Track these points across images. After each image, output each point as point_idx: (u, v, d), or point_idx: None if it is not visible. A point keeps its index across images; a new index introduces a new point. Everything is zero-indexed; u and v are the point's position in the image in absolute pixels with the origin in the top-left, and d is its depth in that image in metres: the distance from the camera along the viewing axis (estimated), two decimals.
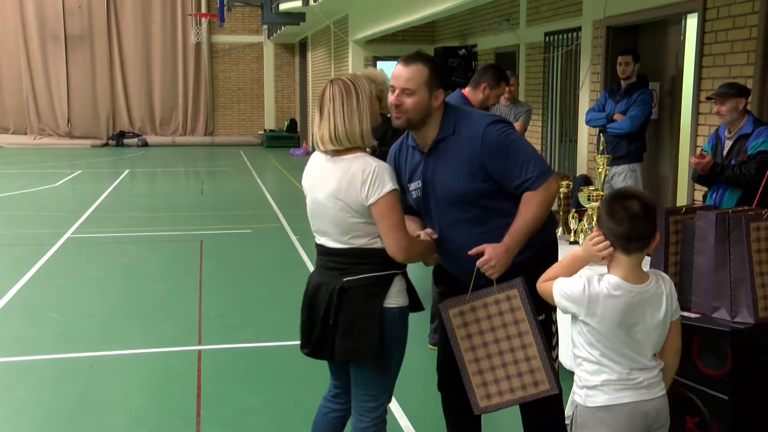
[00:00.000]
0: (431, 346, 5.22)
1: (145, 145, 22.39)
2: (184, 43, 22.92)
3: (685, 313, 3.18)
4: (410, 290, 2.93)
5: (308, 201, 2.91)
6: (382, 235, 2.74)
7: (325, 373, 3.17)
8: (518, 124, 6.66)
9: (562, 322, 3.06)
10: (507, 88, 5.60)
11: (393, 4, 11.34)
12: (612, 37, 7.80)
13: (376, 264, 2.77)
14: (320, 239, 2.90)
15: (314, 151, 2.96)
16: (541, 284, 2.51)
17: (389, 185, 2.70)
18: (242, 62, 23.70)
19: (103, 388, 4.57)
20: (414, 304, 2.94)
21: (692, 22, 6.78)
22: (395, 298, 2.81)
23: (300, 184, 3.10)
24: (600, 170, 4.40)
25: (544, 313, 2.95)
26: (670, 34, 7.49)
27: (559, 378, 3.06)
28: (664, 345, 2.46)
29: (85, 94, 22.61)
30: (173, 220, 10.26)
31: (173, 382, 4.66)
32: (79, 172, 15.96)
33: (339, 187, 2.75)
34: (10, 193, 12.64)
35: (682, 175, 7.11)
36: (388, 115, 5.37)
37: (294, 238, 8.83)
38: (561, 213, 4.61)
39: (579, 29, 8.60)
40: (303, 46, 22.49)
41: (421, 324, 5.60)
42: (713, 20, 6.16)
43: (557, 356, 3.08)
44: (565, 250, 4.19)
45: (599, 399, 2.37)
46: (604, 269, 2.43)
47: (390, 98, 2.94)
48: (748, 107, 4.86)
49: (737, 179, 4.55)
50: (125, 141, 22.47)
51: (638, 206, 2.33)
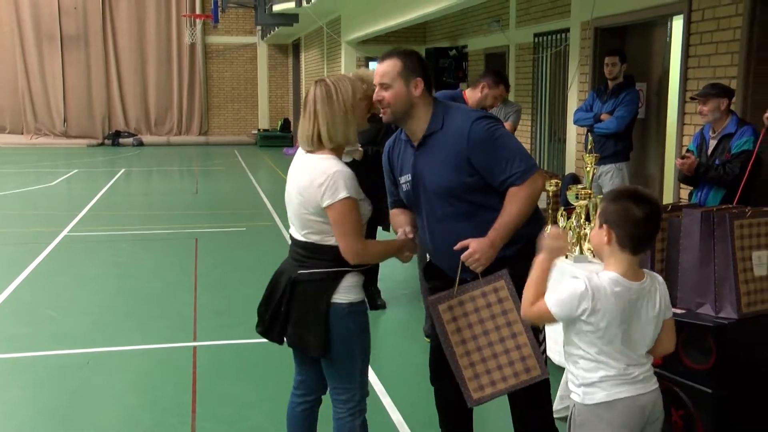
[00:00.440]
0: (426, 339, 5.24)
1: (141, 144, 22.32)
2: (178, 44, 22.86)
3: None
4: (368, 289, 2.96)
5: (285, 192, 2.96)
6: (336, 238, 2.77)
7: None
8: (508, 123, 6.67)
9: None
10: (505, 93, 5.57)
11: (384, 6, 11.34)
12: (600, 38, 7.82)
13: (328, 260, 2.79)
14: (290, 229, 2.97)
15: None
16: (530, 310, 2.44)
17: (344, 192, 2.70)
18: (236, 63, 23.67)
19: (98, 386, 4.56)
20: (370, 302, 2.97)
21: (678, 24, 6.80)
22: (345, 293, 2.81)
23: None
24: (588, 169, 4.41)
25: None
26: (656, 35, 7.52)
27: (548, 373, 3.09)
28: (659, 344, 2.46)
29: (81, 93, 22.53)
30: (168, 218, 10.24)
31: (169, 378, 4.65)
32: (75, 171, 15.90)
33: (303, 184, 2.80)
34: (6, 192, 12.59)
35: (669, 174, 7.14)
36: (381, 114, 5.35)
37: (287, 236, 8.82)
38: (550, 211, 4.62)
39: (567, 30, 8.62)
40: (296, 47, 22.45)
41: (414, 319, 5.62)
42: (698, 22, 6.18)
43: (545, 350, 3.07)
44: None
45: (598, 396, 2.36)
46: (599, 268, 2.43)
47: (374, 96, 2.97)
48: (732, 107, 4.89)
49: (721, 178, 4.57)
50: (121, 140, 22.39)
51: (654, 211, 2.35)
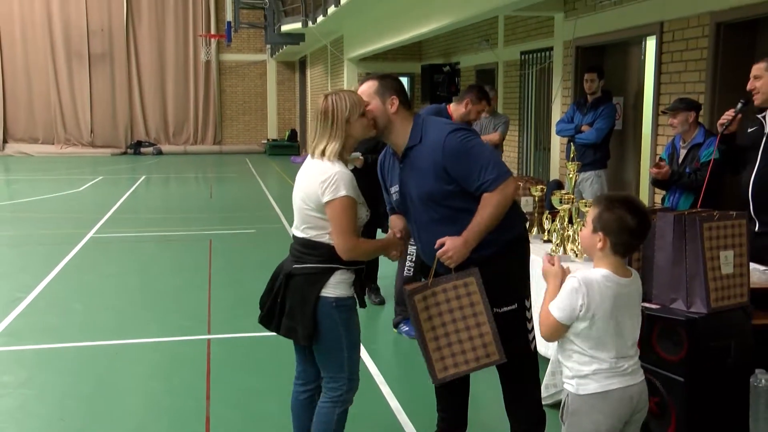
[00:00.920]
0: (394, 329, 5.24)
1: (160, 153, 22.31)
2: (195, 61, 22.90)
3: (646, 304, 3.20)
4: (360, 286, 2.94)
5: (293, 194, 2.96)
6: (332, 234, 2.77)
7: None
8: (497, 134, 6.67)
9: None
10: (488, 107, 5.56)
11: (383, 26, 11.34)
12: (581, 56, 7.82)
13: (320, 256, 2.80)
14: (293, 227, 2.96)
15: None
16: (544, 328, 2.39)
17: (344, 191, 2.72)
18: (247, 78, 23.67)
19: (120, 373, 4.55)
20: (359, 299, 2.95)
21: (651, 44, 6.81)
22: (333, 288, 2.81)
23: None
24: (571, 176, 4.40)
25: (516, 302, 2.93)
26: (632, 53, 7.52)
27: (538, 364, 3.07)
28: None
29: (106, 107, 22.56)
30: (185, 221, 10.22)
31: (185, 367, 4.64)
32: (101, 178, 15.89)
33: (306, 182, 2.82)
34: (40, 197, 12.58)
35: (644, 180, 7.14)
36: None
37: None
38: (536, 214, 4.62)
39: (551, 49, 8.63)
40: (302, 64, 22.46)
41: None
42: (669, 42, 6.19)
43: (535, 345, 3.03)
44: (538, 247, 4.20)
45: (591, 387, 2.34)
46: (580, 266, 2.43)
47: None
48: (700, 120, 4.88)
49: (692, 184, 4.57)
50: (142, 150, 22.40)
51: (646, 220, 2.36)
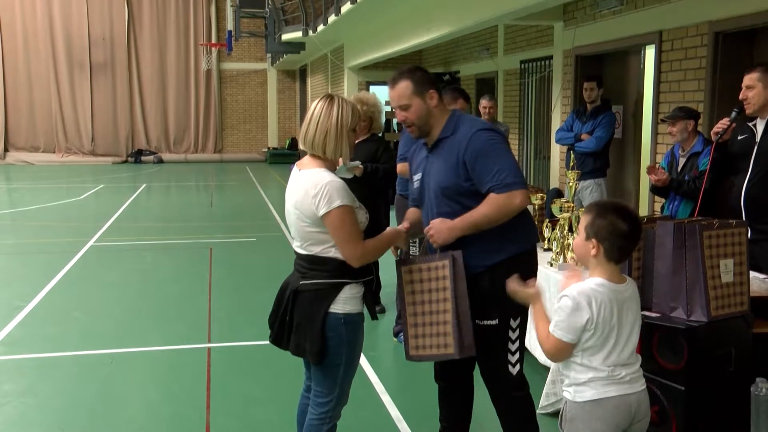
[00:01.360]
0: (394, 338, 5.22)
1: (161, 161, 22.34)
2: (196, 70, 22.95)
3: (646, 313, 3.19)
4: (372, 299, 2.89)
5: (285, 210, 2.92)
6: (337, 246, 2.70)
7: None
8: None
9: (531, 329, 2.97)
10: (466, 105, 5.41)
11: (384, 35, 11.38)
12: (580, 64, 7.85)
13: (328, 271, 2.72)
14: (293, 243, 2.91)
15: None
16: (549, 350, 2.37)
17: (338, 201, 2.65)
18: (248, 87, 23.73)
19: (120, 382, 4.54)
20: (371, 312, 2.90)
21: (651, 53, 6.83)
22: (342, 304, 2.73)
23: None
24: (571, 184, 4.41)
25: (497, 319, 2.85)
26: (631, 62, 7.54)
27: (523, 386, 3.01)
28: None
29: (107, 116, 22.61)
30: (185, 229, 10.22)
31: (185, 376, 4.63)
32: (102, 186, 15.90)
33: (298, 198, 2.75)
34: (40, 206, 12.58)
35: (644, 188, 7.15)
36: (380, 134, 5.37)
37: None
38: (536, 223, 4.62)
39: (551, 58, 8.65)
40: (303, 72, 22.51)
41: None
42: (668, 51, 6.21)
43: (519, 370, 2.93)
44: (539, 256, 4.19)
45: (587, 394, 2.34)
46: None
47: (398, 118, 2.98)
48: (699, 128, 4.89)
49: (692, 193, 4.57)
50: (143, 158, 22.43)
51: (637, 224, 2.36)
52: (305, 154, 2.90)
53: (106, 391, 4.39)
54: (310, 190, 2.69)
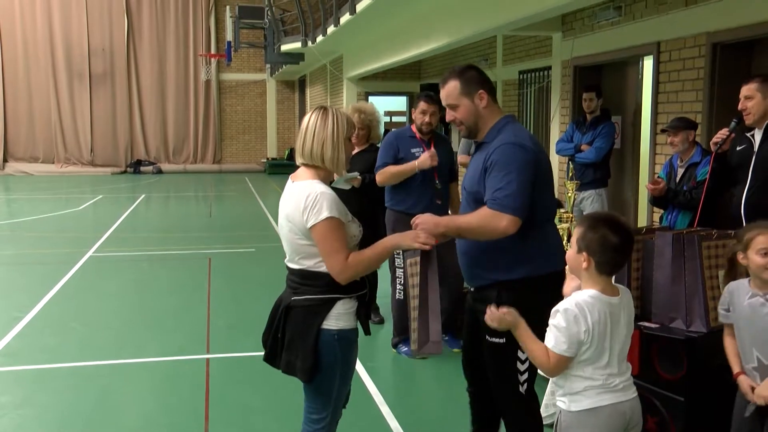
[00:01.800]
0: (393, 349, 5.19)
1: (160, 172, 22.36)
2: (195, 81, 23.01)
3: (645, 323, 3.20)
4: (366, 315, 2.84)
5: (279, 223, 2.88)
6: (322, 259, 2.65)
7: None
8: None
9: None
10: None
11: (382, 45, 11.42)
12: (579, 75, 7.88)
13: (320, 286, 2.67)
14: (285, 259, 2.84)
15: None
16: (548, 368, 2.37)
17: (326, 212, 2.59)
18: (247, 97, 23.79)
19: (119, 393, 4.53)
20: (365, 328, 2.87)
21: (649, 63, 6.86)
22: (335, 320, 2.68)
23: None
24: (570, 194, 4.43)
25: (505, 337, 2.73)
26: (629, 73, 7.57)
27: (534, 404, 2.97)
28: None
29: (107, 126, 22.63)
30: (184, 240, 10.22)
31: (184, 387, 4.62)
32: (101, 197, 15.90)
33: (289, 210, 2.71)
34: (39, 216, 12.59)
35: (643, 199, 7.16)
36: (378, 144, 5.36)
37: None
38: None
39: (549, 68, 8.68)
40: (302, 83, 22.58)
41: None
42: (666, 62, 6.24)
43: (527, 388, 2.87)
44: None
45: (583, 403, 2.35)
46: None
47: (447, 117, 2.99)
48: (697, 139, 4.92)
49: (689, 203, 4.59)
50: (142, 168, 22.44)
51: (628, 238, 2.36)
52: None
53: (105, 402, 4.38)
54: (300, 202, 2.65)
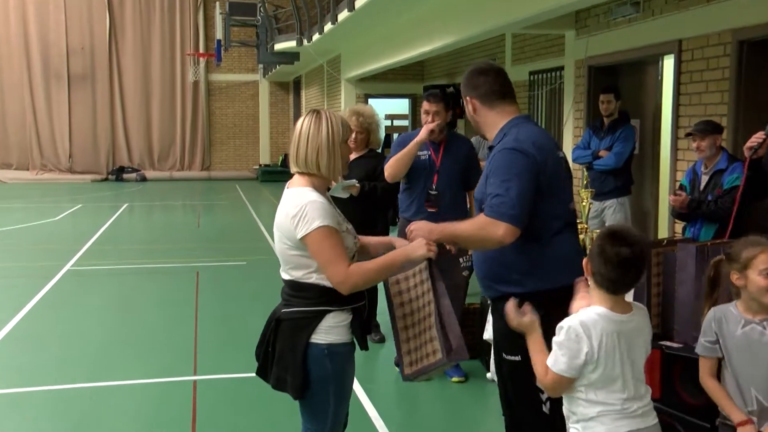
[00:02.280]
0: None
1: (144, 179, 22.39)
2: (182, 82, 23.07)
3: (668, 342, 3.19)
4: (362, 327, 2.81)
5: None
6: (321, 269, 2.67)
7: None
8: None
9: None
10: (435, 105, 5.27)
11: (383, 44, 11.45)
12: (593, 76, 7.90)
13: (309, 299, 2.70)
14: (280, 269, 2.87)
15: None
16: (547, 384, 2.39)
17: (318, 222, 2.62)
18: (238, 100, 23.84)
19: (100, 419, 4.51)
20: (360, 342, 2.85)
21: (669, 63, 6.87)
22: (325, 334, 2.69)
23: None
24: (584, 204, 4.42)
25: (520, 355, 2.71)
26: (648, 73, 7.59)
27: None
28: None
29: (86, 130, 22.66)
30: (171, 252, 10.22)
31: (169, 411, 4.60)
32: (80, 206, 15.91)
33: (279, 219, 2.75)
34: (12, 228, 12.58)
35: (663, 209, 7.16)
36: (379, 149, 5.38)
37: None
38: None
39: (562, 68, 8.70)
40: (297, 84, 22.63)
41: None
42: (688, 61, 6.25)
43: (549, 406, 2.83)
44: None
45: (597, 430, 2.33)
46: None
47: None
48: (722, 143, 4.91)
49: (714, 213, 4.56)
50: (124, 176, 22.47)
51: (630, 254, 2.28)
52: None
53: (83, 429, 4.36)
54: (290, 211, 2.69)
